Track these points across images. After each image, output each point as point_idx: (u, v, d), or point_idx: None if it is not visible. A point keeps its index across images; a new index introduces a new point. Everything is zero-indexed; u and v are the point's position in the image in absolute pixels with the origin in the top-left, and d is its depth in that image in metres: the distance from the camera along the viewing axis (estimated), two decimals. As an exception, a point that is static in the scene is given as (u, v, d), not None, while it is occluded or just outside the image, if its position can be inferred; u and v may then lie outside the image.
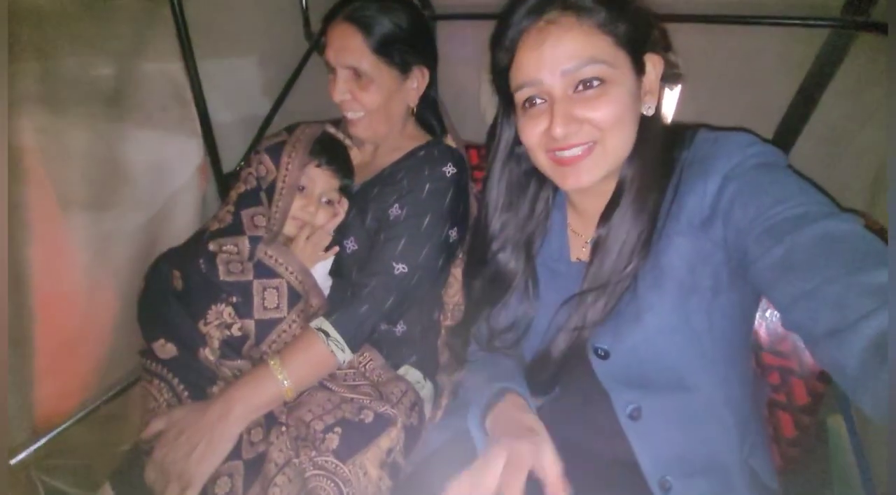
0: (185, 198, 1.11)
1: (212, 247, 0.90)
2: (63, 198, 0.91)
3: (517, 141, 0.75)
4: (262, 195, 0.95)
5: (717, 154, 0.63)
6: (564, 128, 0.62)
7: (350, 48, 0.90)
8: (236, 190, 0.97)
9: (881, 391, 0.43)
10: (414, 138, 1.03)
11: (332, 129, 1.03)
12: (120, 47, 0.92)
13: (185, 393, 0.83)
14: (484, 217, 0.81)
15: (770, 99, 1.00)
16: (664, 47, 0.69)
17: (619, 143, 0.65)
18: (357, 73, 0.91)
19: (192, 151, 1.10)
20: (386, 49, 0.91)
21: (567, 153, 0.65)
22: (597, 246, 0.68)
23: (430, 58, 0.99)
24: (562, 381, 0.77)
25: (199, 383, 0.84)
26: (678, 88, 1.13)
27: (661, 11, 1.03)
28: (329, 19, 0.95)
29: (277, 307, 0.88)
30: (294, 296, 0.89)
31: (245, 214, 0.93)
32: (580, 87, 0.63)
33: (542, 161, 0.69)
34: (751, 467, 0.70)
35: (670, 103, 1.15)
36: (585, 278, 0.69)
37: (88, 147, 0.91)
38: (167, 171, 1.06)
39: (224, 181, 1.20)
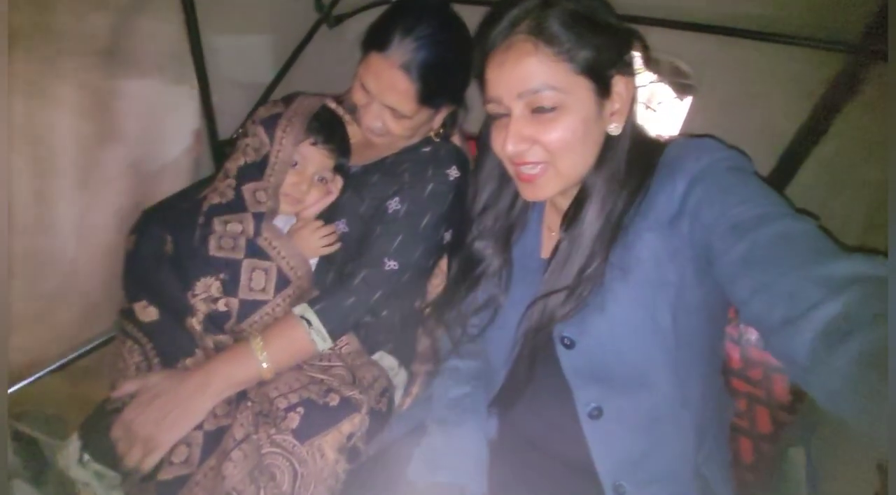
0: (177, 160, 1.10)
1: (217, 226, 0.88)
2: (50, 152, 0.90)
3: None
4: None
5: (686, 156, 0.67)
6: (515, 147, 0.67)
7: (397, 93, 0.85)
8: (235, 162, 0.94)
9: (830, 378, 0.45)
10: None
11: (332, 104, 1.00)
12: (118, 1, 0.90)
13: (156, 360, 0.83)
14: (469, 202, 0.85)
15: (780, 119, 0.98)
16: (643, 68, 0.72)
17: (571, 164, 0.68)
18: (393, 109, 0.88)
19: (187, 114, 1.08)
20: (431, 100, 0.88)
21: (524, 170, 0.69)
22: (558, 244, 0.72)
23: (464, 96, 0.97)
24: (526, 380, 0.78)
25: (172, 352, 0.84)
26: (688, 99, 1.11)
27: (677, 18, 1.01)
28: (378, 45, 0.84)
29: (264, 289, 0.87)
30: (282, 282, 0.88)
31: (246, 190, 0.91)
32: (536, 110, 0.66)
33: (510, 170, 0.73)
34: (704, 476, 0.72)
35: (679, 114, 1.13)
36: (547, 273, 0.72)
37: (79, 101, 0.89)
38: (160, 132, 1.05)
39: (219, 147, 1.18)
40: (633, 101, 0.71)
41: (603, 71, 0.67)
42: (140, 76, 0.96)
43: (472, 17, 1.01)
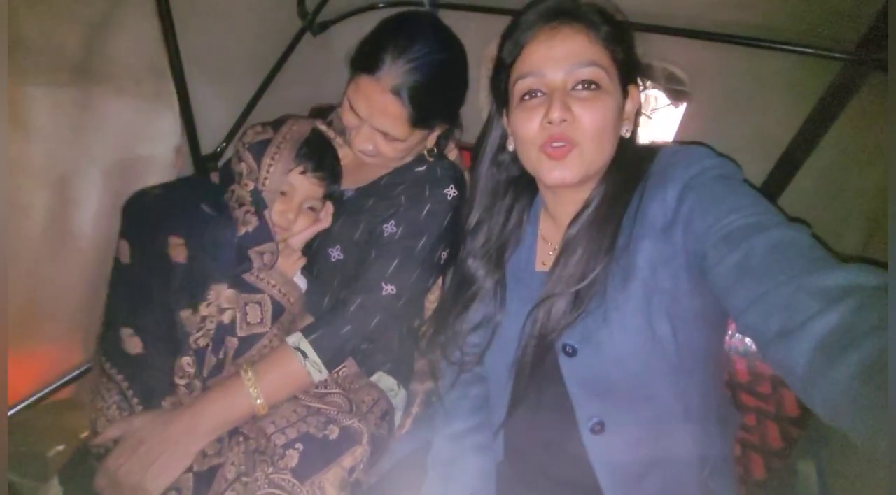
0: (158, 179, 1.03)
1: (255, 258, 0.82)
2: (24, 174, 0.84)
3: (501, 147, 0.80)
4: None
5: (677, 164, 0.67)
6: (561, 113, 0.65)
7: (389, 118, 0.81)
8: (245, 188, 0.87)
9: (830, 390, 0.44)
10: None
11: (322, 127, 0.95)
12: (90, 13, 0.84)
13: (136, 399, 0.78)
14: (464, 218, 0.84)
15: (775, 127, 0.97)
16: (645, 79, 0.78)
17: (596, 151, 0.68)
18: (385, 133, 0.84)
19: (167, 130, 1.02)
20: (424, 123, 0.85)
21: (556, 144, 0.68)
22: (563, 249, 0.71)
23: (458, 115, 0.95)
24: (529, 396, 0.76)
25: (152, 391, 0.79)
26: (683, 106, 1.10)
27: (673, 25, 1.00)
28: (368, 67, 0.80)
29: (261, 322, 0.83)
30: (277, 310, 0.85)
31: (268, 214, 0.86)
32: (578, 87, 0.67)
33: (532, 155, 0.71)
34: (711, 490, 0.71)
35: (674, 121, 1.12)
36: (548, 280, 0.71)
37: (52, 120, 0.84)
38: (140, 150, 0.99)
39: (202, 163, 1.13)
40: (639, 109, 0.74)
41: (627, 71, 0.70)
42: (116, 92, 0.91)
43: (455, 22, 0.99)
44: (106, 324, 0.86)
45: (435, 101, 0.83)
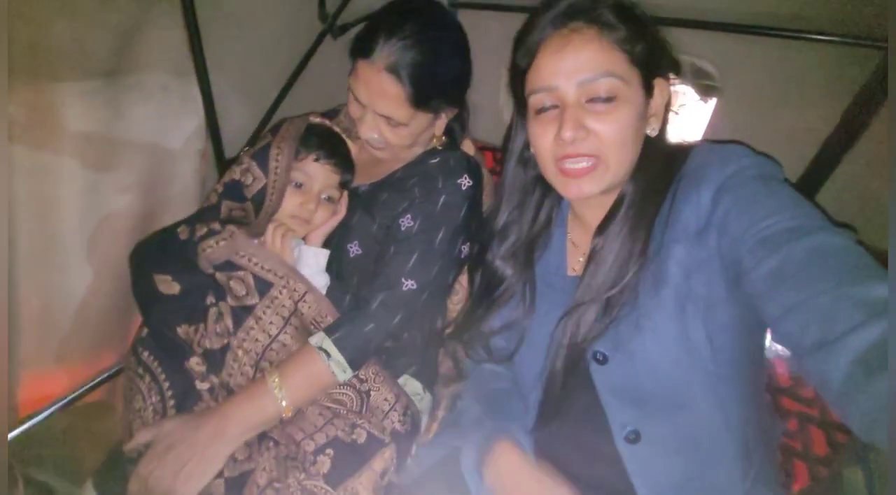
0: (184, 183, 1.05)
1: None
2: (55, 180, 0.86)
3: (527, 145, 0.78)
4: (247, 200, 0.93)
5: (712, 163, 0.64)
6: (573, 133, 0.63)
7: (388, 99, 0.81)
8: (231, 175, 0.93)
9: (867, 405, 0.42)
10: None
11: (317, 119, 0.97)
12: (118, 19, 0.85)
13: (172, 402, 0.79)
14: (491, 217, 0.83)
15: (811, 122, 0.94)
16: (674, 73, 0.73)
17: (621, 161, 0.66)
18: (388, 117, 0.84)
19: (193, 134, 1.03)
20: (425, 103, 0.84)
21: (572, 165, 0.66)
22: (591, 256, 0.69)
23: (463, 98, 0.94)
24: (560, 403, 0.75)
25: (186, 394, 0.80)
26: (713, 102, 1.07)
27: (702, 18, 0.98)
28: (363, 51, 0.81)
29: (247, 294, 0.84)
30: (261, 285, 0.86)
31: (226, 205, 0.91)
32: (593, 100, 0.64)
33: (550, 169, 0.69)
34: None
35: (703, 117, 1.09)
36: (578, 289, 0.69)
37: (82, 125, 0.85)
38: (166, 155, 1.01)
39: (226, 167, 1.14)
40: (668, 105, 0.71)
41: (651, 67, 0.66)
42: (144, 97, 0.92)
43: (475, 21, 0.99)
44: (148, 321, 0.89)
45: (432, 77, 0.82)
